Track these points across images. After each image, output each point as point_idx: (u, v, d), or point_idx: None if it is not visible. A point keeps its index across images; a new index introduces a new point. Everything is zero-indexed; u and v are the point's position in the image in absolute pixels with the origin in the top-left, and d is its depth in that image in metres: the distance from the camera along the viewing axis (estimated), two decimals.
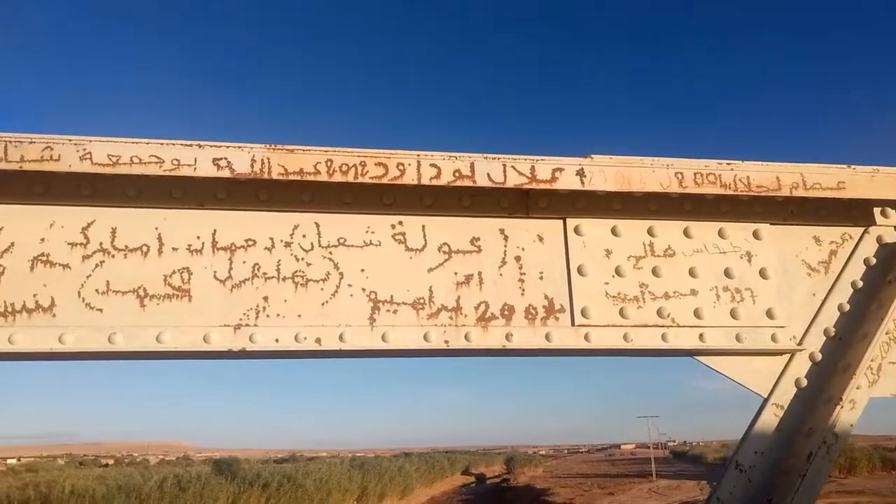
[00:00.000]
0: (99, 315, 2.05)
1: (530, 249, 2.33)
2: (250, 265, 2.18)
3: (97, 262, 2.10)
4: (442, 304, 2.24)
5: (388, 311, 2.21)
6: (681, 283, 2.36)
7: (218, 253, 2.18)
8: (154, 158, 2.02)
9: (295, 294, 2.18)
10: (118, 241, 2.13)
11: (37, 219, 2.10)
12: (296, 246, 2.23)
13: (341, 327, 2.17)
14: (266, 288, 2.17)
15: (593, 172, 2.22)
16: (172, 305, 2.10)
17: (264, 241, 2.21)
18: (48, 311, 2.03)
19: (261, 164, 2.08)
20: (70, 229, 2.11)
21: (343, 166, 2.12)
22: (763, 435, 2.32)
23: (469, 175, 2.16)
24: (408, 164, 2.15)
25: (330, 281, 2.21)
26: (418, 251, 2.29)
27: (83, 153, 1.98)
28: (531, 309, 2.27)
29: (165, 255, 2.14)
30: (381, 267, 2.25)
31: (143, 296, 2.09)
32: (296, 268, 2.21)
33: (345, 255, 2.25)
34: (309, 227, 2.25)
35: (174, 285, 2.12)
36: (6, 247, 2.06)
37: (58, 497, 23.70)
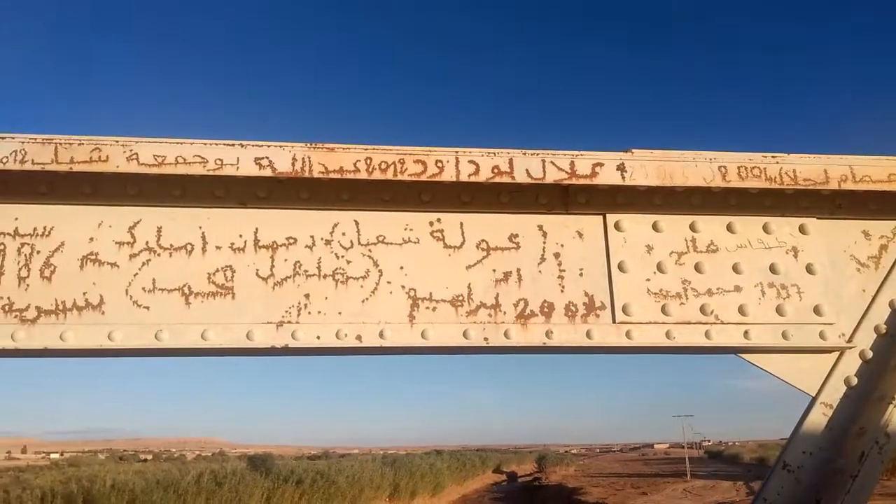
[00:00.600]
0: (146, 312, 2.10)
1: (569, 246, 2.31)
2: (292, 263, 2.21)
3: (143, 260, 2.14)
4: (481, 301, 2.24)
5: (428, 309, 2.21)
6: (724, 279, 2.31)
7: (260, 251, 2.20)
8: (198, 158, 2.06)
9: (335, 291, 2.20)
10: (163, 240, 2.17)
11: (85, 219, 2.15)
12: (336, 244, 2.25)
13: (381, 324, 2.18)
14: (307, 285, 2.19)
15: (634, 167, 2.19)
16: (216, 303, 2.14)
17: (305, 240, 2.23)
18: (97, 308, 2.08)
19: (301, 163, 2.10)
20: (117, 229, 2.16)
21: (382, 164, 2.13)
22: (812, 435, 2.26)
23: (508, 171, 2.15)
24: (446, 160, 2.15)
25: (369, 278, 2.22)
26: (456, 248, 2.28)
27: (130, 154, 2.03)
28: (571, 306, 2.25)
29: (209, 254, 2.18)
30: (419, 264, 2.26)
31: (188, 294, 2.13)
32: (336, 265, 2.22)
33: (384, 252, 2.26)
34: (348, 224, 2.27)
35: (218, 283, 2.15)
36: (56, 246, 2.12)
37: (99, 491, 24.33)
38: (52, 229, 2.12)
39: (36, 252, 2.10)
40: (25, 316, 2.04)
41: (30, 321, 2.03)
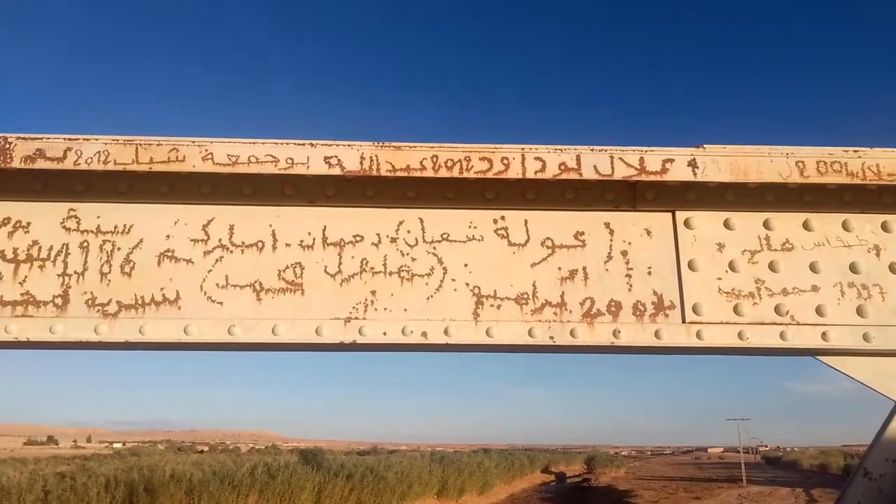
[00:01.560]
0: (219, 308, 2.16)
1: (637, 244, 2.27)
2: (358, 260, 2.24)
3: (217, 257, 2.21)
4: (546, 299, 2.22)
5: (492, 307, 2.21)
6: (800, 278, 2.23)
7: (328, 248, 2.24)
8: (270, 158, 2.10)
9: (401, 288, 2.22)
10: (235, 237, 2.23)
11: (162, 217, 2.23)
12: (401, 241, 2.26)
13: (446, 321, 2.19)
14: (374, 282, 2.22)
15: (706, 163, 2.13)
16: (286, 299, 2.19)
17: (371, 237, 2.26)
18: (174, 303, 2.15)
19: (369, 162, 2.12)
20: (192, 226, 2.23)
21: (448, 162, 2.13)
22: (895, 442, 2.16)
23: (575, 168, 2.13)
24: (512, 157, 2.14)
25: (434, 275, 2.23)
26: (521, 246, 2.27)
27: (205, 154, 2.09)
28: (639, 305, 2.21)
29: (279, 251, 2.23)
30: (484, 262, 2.25)
31: (260, 290, 2.19)
32: (401, 262, 2.24)
33: (448, 249, 2.26)
34: (413, 222, 2.28)
35: (288, 279, 2.20)
36: (136, 243, 2.20)
37: (159, 480, 25.25)
38: (131, 227, 2.21)
39: (117, 249, 2.18)
40: (107, 310, 2.13)
41: (111, 315, 2.12)
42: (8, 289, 2.11)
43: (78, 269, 2.15)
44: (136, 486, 24.82)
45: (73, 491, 23.88)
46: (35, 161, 2.04)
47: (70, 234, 2.19)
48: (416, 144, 2.16)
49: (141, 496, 24.44)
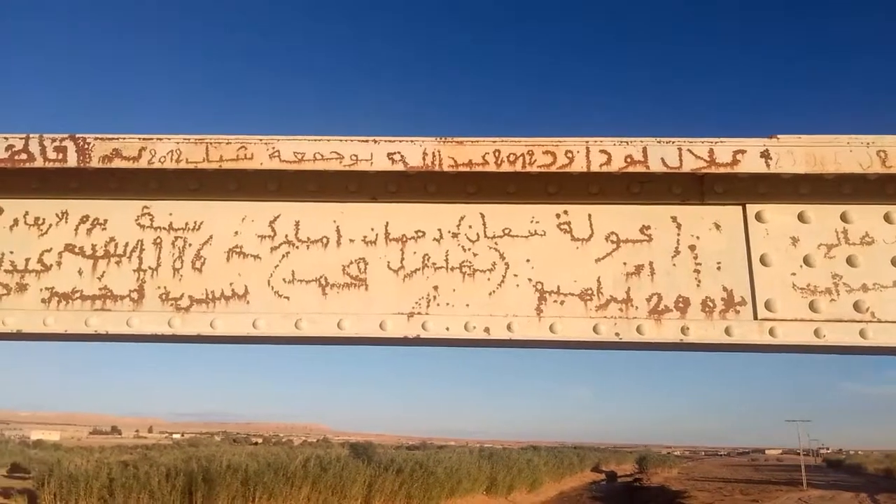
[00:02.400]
0: (286, 302, 2.20)
1: (706, 238, 2.21)
2: (420, 255, 2.25)
3: (283, 253, 2.25)
4: (611, 295, 2.18)
5: (556, 302, 2.19)
6: (882, 273, 2.13)
7: (391, 244, 2.26)
8: (335, 154, 2.13)
9: (463, 284, 2.22)
10: (301, 233, 2.27)
11: (231, 213, 2.29)
12: (462, 237, 2.26)
13: (509, 317, 2.18)
14: (436, 277, 2.22)
15: (780, 153, 2.06)
16: (351, 294, 2.21)
17: (433, 233, 2.27)
18: (243, 298, 2.21)
19: (432, 157, 2.13)
20: (259, 223, 2.28)
21: (511, 156, 2.12)
22: None
23: (641, 160, 2.08)
24: (576, 151, 2.11)
25: (496, 271, 2.22)
26: (584, 241, 2.24)
27: (272, 151, 2.13)
28: (708, 301, 2.15)
29: (343, 247, 2.26)
30: (546, 257, 2.23)
31: (325, 284, 2.22)
32: (463, 258, 2.24)
33: (510, 245, 2.25)
34: (475, 217, 2.28)
35: (352, 275, 2.23)
36: (206, 239, 2.26)
37: (216, 470, 26.04)
38: (201, 223, 2.27)
39: (188, 245, 2.25)
40: (180, 304, 2.19)
41: (184, 309, 2.19)
42: (87, 284, 2.20)
43: (152, 264, 2.23)
44: (195, 476, 25.65)
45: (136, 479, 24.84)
46: (112, 160, 2.12)
47: (144, 230, 2.26)
48: (478, 139, 2.15)
49: (200, 486, 25.26)
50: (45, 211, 2.27)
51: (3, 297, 2.18)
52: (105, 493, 24.37)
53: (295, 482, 27.18)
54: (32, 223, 2.26)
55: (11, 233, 2.25)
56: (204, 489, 25.19)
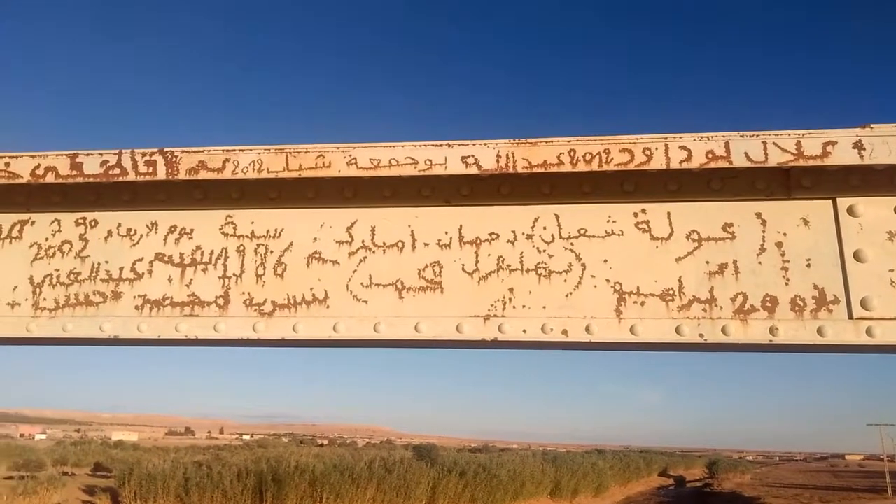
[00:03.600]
0: (364, 306, 2.24)
1: (793, 234, 2.12)
2: (495, 258, 2.24)
3: (361, 258, 2.29)
4: (694, 295, 2.12)
5: (636, 303, 2.14)
6: None
7: (465, 247, 2.27)
8: (409, 160, 2.15)
9: (539, 285, 2.20)
10: (377, 238, 2.30)
11: (309, 220, 2.34)
12: (537, 238, 2.25)
13: (587, 319, 2.15)
14: (511, 280, 2.22)
15: (874, 143, 1.95)
16: (426, 297, 2.23)
17: (507, 235, 2.26)
18: (323, 302, 2.26)
19: (506, 159, 2.12)
20: (337, 229, 2.33)
21: (587, 155, 2.09)
22: None
23: (724, 155, 2.02)
24: (654, 148, 2.06)
25: (573, 272, 2.20)
26: (664, 240, 2.19)
27: (349, 159, 2.17)
28: (798, 300, 2.06)
29: (418, 250, 2.28)
30: (624, 257, 2.19)
31: (401, 288, 2.25)
32: (538, 259, 2.22)
33: (586, 245, 2.22)
34: (549, 218, 2.26)
35: (427, 278, 2.25)
36: (287, 246, 2.33)
37: (285, 471, 26.72)
38: (282, 231, 2.34)
39: (270, 252, 2.32)
40: (263, 309, 2.26)
41: (267, 314, 2.26)
42: (176, 291, 2.30)
43: (236, 271, 2.31)
44: (264, 476, 26.39)
45: (209, 479, 25.76)
46: (198, 172, 2.21)
47: (228, 238, 2.35)
48: (552, 140, 2.14)
49: (269, 485, 25.97)
50: (136, 222, 2.38)
51: (100, 305, 2.30)
52: (181, 491, 25.37)
53: (360, 483, 27.59)
54: (125, 234, 2.38)
55: (106, 243, 2.37)
56: (273, 489, 25.89)
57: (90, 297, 2.31)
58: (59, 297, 2.32)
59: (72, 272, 2.34)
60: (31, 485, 25.22)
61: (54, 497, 25.53)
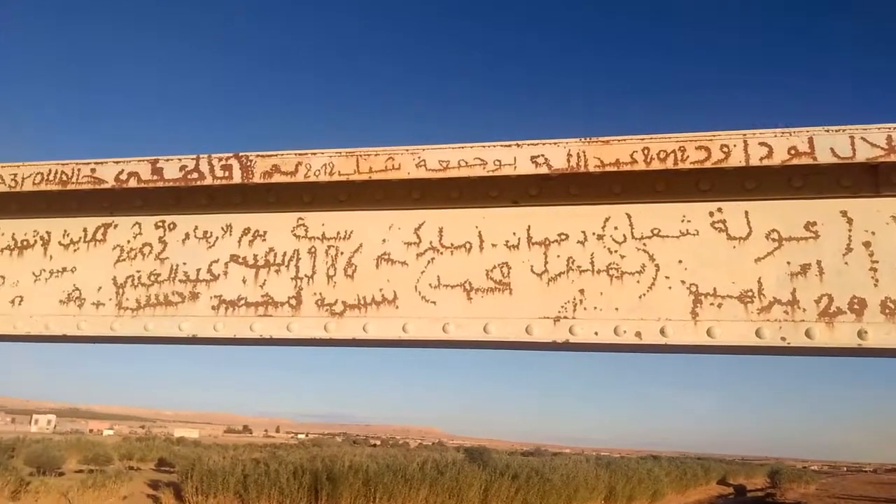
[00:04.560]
0: (433, 307, 2.25)
1: (883, 233, 2.02)
2: (564, 259, 2.22)
3: (429, 259, 2.30)
4: (774, 296, 2.04)
5: (712, 305, 2.08)
6: None
7: (533, 248, 2.25)
8: (478, 161, 2.15)
9: (610, 287, 2.16)
10: (445, 239, 2.31)
11: (378, 222, 2.37)
12: (608, 238, 2.21)
13: (661, 321, 2.09)
14: (581, 281, 2.19)
15: None
16: (495, 298, 2.22)
17: (576, 235, 2.23)
18: (392, 303, 2.28)
19: (577, 159, 2.10)
20: (405, 230, 2.34)
21: (661, 153, 2.04)
22: None
23: (808, 152, 1.94)
24: (733, 145, 2.00)
25: (646, 273, 2.15)
26: (742, 239, 2.12)
27: (418, 161, 2.19)
28: (888, 302, 1.96)
29: (486, 251, 2.27)
30: (700, 257, 2.13)
31: (470, 289, 2.24)
32: (609, 260, 2.19)
33: (660, 245, 2.17)
34: (620, 218, 2.22)
35: (495, 279, 2.24)
36: (356, 247, 2.36)
37: (339, 470, 27.09)
38: (351, 233, 2.37)
39: (340, 253, 2.36)
40: (334, 310, 2.30)
41: (338, 314, 2.29)
42: (251, 291, 2.36)
43: (308, 272, 2.35)
44: (319, 475, 26.83)
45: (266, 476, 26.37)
46: (272, 176, 2.26)
47: (299, 240, 2.40)
48: (624, 138, 2.10)
49: (324, 484, 26.39)
50: (212, 225, 2.46)
51: (178, 305, 2.38)
52: (240, 487, 26.05)
53: (413, 484, 27.74)
54: (201, 236, 2.45)
55: (184, 245, 2.45)
56: (328, 487, 26.30)
57: (169, 297, 2.39)
58: (140, 297, 2.41)
59: (152, 273, 2.43)
60: (100, 478, 26.35)
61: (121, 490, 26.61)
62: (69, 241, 2.53)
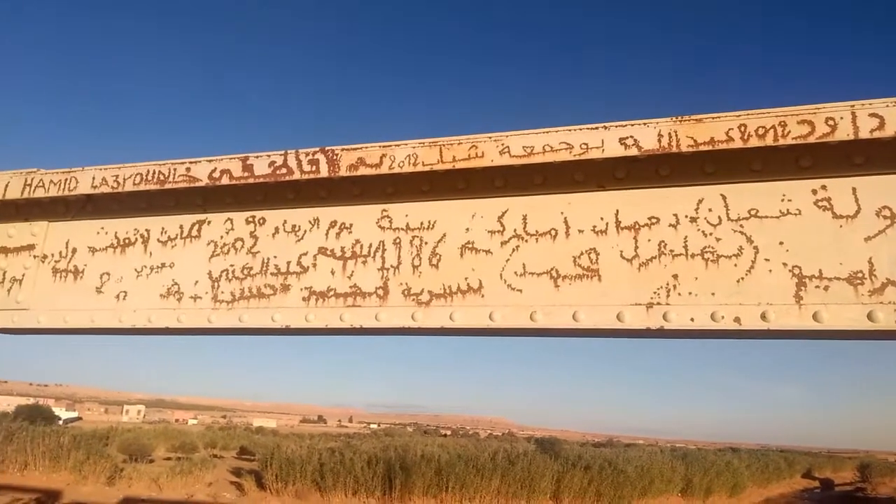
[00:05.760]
0: (519, 295, 2.23)
1: None
2: (655, 243, 2.15)
3: (513, 247, 2.28)
4: (887, 277, 1.91)
5: (818, 288, 1.97)
6: None
7: (622, 232, 2.19)
8: (564, 145, 2.11)
9: (706, 271, 2.08)
10: (529, 226, 2.28)
11: (461, 211, 2.36)
12: (702, 221, 2.13)
13: (762, 305, 2.00)
14: (674, 265, 2.11)
15: None
16: (583, 285, 2.18)
17: (668, 218, 2.16)
18: (478, 292, 2.27)
19: (668, 139, 2.02)
20: (488, 219, 2.33)
21: (759, 129, 1.95)
22: None
23: None
24: (839, 117, 1.88)
25: (744, 256, 2.06)
26: (850, 218, 1.99)
27: (502, 148, 2.17)
28: None
29: (572, 238, 2.23)
30: (803, 238, 2.02)
31: (556, 276, 2.21)
32: (704, 243, 2.10)
33: (758, 227, 2.07)
34: (714, 199, 2.13)
35: (583, 266, 2.19)
36: (440, 237, 2.36)
37: (411, 460, 27.48)
38: (435, 222, 2.38)
39: (424, 243, 2.37)
40: (420, 299, 2.31)
41: (424, 303, 2.30)
42: (339, 282, 2.41)
43: (393, 263, 2.38)
44: (392, 464, 27.29)
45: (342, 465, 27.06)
46: (357, 169, 2.29)
47: (384, 232, 2.42)
48: (718, 115, 2.01)
49: (397, 472, 26.85)
50: (300, 219, 2.52)
51: (270, 297, 2.46)
52: (317, 476, 26.85)
53: (485, 474, 27.83)
54: (290, 230, 2.52)
55: (274, 239, 2.52)
56: (401, 476, 26.74)
57: (262, 289, 2.47)
58: (234, 290, 2.50)
59: (245, 267, 2.52)
60: (187, 465, 27.71)
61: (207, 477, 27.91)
62: (167, 237, 2.64)
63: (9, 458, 22.01)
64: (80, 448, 23.68)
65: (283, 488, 25.45)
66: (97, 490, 21.18)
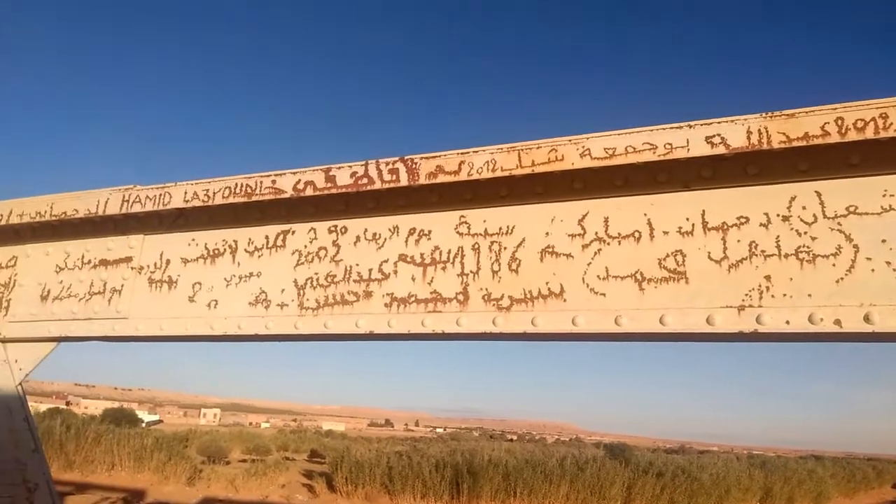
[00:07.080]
0: (603, 299, 2.20)
1: None
2: (746, 243, 2.08)
3: (595, 250, 2.25)
4: None
5: None
6: None
7: (709, 233, 2.13)
8: (647, 146, 2.07)
9: (801, 271, 2.00)
10: (611, 229, 2.25)
11: (540, 216, 2.35)
12: (795, 219, 2.04)
13: (865, 307, 1.90)
14: (766, 266, 2.04)
15: None
16: (670, 288, 2.13)
17: (758, 218, 2.08)
18: (559, 296, 2.25)
19: (758, 135, 1.96)
20: (568, 222, 2.31)
21: (858, 122, 1.86)
22: None
23: None
24: None
25: (843, 255, 1.96)
26: None
27: (582, 150, 2.15)
28: None
29: (657, 240, 2.18)
30: None
31: (641, 279, 2.17)
32: (798, 243, 2.02)
33: (857, 224, 1.97)
34: (808, 197, 2.04)
35: (669, 268, 2.14)
36: (519, 242, 2.36)
37: (478, 464, 27.44)
38: (513, 227, 2.38)
39: (503, 248, 2.37)
40: (501, 304, 2.32)
41: (505, 309, 2.30)
42: (420, 289, 2.44)
43: (472, 268, 2.39)
44: (460, 468, 27.32)
45: (410, 468, 27.29)
46: (436, 176, 2.32)
47: (463, 238, 2.44)
48: (812, 109, 1.93)
49: (465, 477, 26.86)
50: (379, 227, 2.57)
51: (354, 304, 2.51)
52: (385, 479, 27.17)
53: (553, 480, 27.47)
54: (371, 238, 2.57)
55: (356, 247, 2.58)
56: (469, 481, 26.73)
57: (345, 296, 2.53)
58: (319, 297, 2.57)
59: (328, 275, 2.59)
60: (261, 467, 28.60)
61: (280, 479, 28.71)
62: (253, 248, 2.75)
63: (98, 459, 23.29)
64: (162, 450, 24.81)
65: (353, 491, 25.88)
66: (178, 490, 22.13)
